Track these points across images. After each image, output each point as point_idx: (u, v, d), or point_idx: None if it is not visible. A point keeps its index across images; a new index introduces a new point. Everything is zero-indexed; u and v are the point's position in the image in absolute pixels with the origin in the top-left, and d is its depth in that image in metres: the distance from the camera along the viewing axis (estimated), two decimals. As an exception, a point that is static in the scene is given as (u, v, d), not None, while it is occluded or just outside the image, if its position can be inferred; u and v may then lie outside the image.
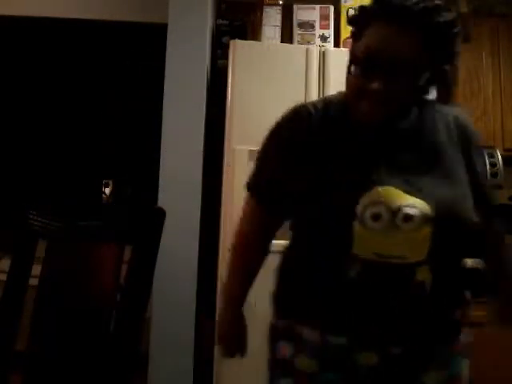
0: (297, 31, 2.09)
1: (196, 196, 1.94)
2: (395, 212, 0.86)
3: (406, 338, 0.90)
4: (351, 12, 0.86)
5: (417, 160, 0.92)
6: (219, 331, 1.17)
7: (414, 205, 0.86)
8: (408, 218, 0.85)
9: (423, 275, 0.87)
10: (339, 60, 1.90)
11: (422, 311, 0.89)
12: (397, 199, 0.86)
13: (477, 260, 1.12)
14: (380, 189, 0.87)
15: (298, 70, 1.89)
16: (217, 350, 1.75)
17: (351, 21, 0.95)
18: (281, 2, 2.12)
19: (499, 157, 2.20)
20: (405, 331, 0.89)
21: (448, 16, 0.87)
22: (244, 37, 2.16)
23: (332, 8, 2.12)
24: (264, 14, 2.09)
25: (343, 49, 2.05)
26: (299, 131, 0.99)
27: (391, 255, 0.87)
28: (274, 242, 1.79)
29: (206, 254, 1.96)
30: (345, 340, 0.90)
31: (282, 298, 1.05)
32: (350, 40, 0.95)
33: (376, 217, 0.86)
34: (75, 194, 3.34)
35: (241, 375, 1.73)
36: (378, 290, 0.88)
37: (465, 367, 0.95)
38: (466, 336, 0.96)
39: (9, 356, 1.03)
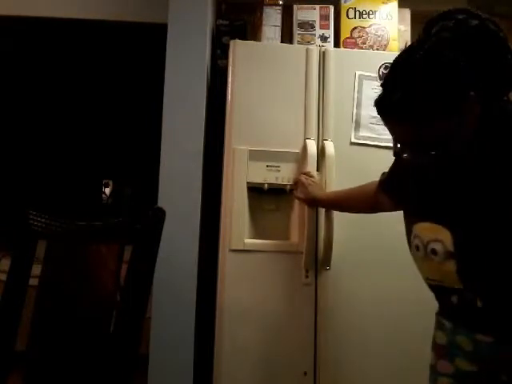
0: (297, 31, 2.09)
1: (196, 196, 1.94)
2: (425, 246, 1.00)
3: None
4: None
5: (455, 193, 0.98)
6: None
7: (440, 239, 0.97)
8: (434, 252, 0.98)
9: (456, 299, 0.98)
10: (339, 60, 1.90)
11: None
12: (428, 234, 0.99)
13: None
14: (419, 224, 1.02)
15: (297, 70, 1.88)
16: (217, 350, 1.75)
17: None
18: (281, 2, 2.12)
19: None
20: None
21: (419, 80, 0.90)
22: (244, 37, 2.16)
23: (332, 8, 2.12)
24: (264, 14, 2.09)
25: (343, 49, 2.05)
26: None
27: (434, 279, 1.02)
28: (272, 242, 1.80)
29: (206, 254, 1.97)
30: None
31: None
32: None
33: (417, 247, 1.02)
34: (75, 194, 3.34)
35: (241, 376, 1.74)
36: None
37: None
38: None
39: (9, 356, 1.03)
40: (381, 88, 0.96)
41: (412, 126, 0.91)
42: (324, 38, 2.08)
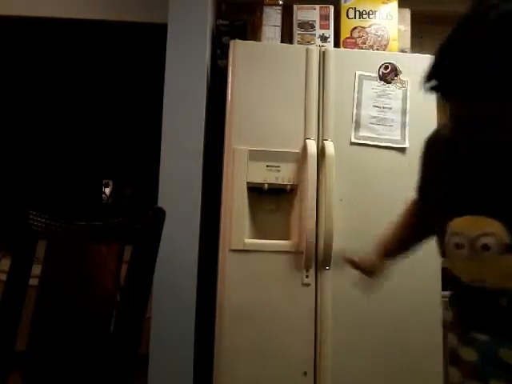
0: (297, 31, 2.09)
1: (196, 196, 1.94)
2: (472, 242, 0.88)
3: None
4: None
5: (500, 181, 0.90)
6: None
7: (491, 232, 0.86)
8: (486, 247, 0.87)
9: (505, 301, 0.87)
10: (339, 60, 1.90)
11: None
12: (474, 228, 0.89)
13: None
14: (457, 220, 0.91)
15: (297, 70, 1.89)
16: (217, 350, 1.75)
17: None
18: (281, 2, 2.12)
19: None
20: None
21: None
22: (244, 37, 2.16)
23: (332, 8, 2.12)
24: (264, 14, 2.09)
25: (343, 49, 2.05)
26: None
27: (480, 280, 0.90)
28: (272, 242, 1.80)
29: (206, 254, 1.97)
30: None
31: None
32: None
33: (458, 246, 0.91)
34: (75, 194, 3.34)
35: (241, 376, 1.74)
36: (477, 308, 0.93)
37: None
38: None
39: (9, 356, 1.03)
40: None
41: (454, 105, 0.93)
42: (324, 38, 2.08)
